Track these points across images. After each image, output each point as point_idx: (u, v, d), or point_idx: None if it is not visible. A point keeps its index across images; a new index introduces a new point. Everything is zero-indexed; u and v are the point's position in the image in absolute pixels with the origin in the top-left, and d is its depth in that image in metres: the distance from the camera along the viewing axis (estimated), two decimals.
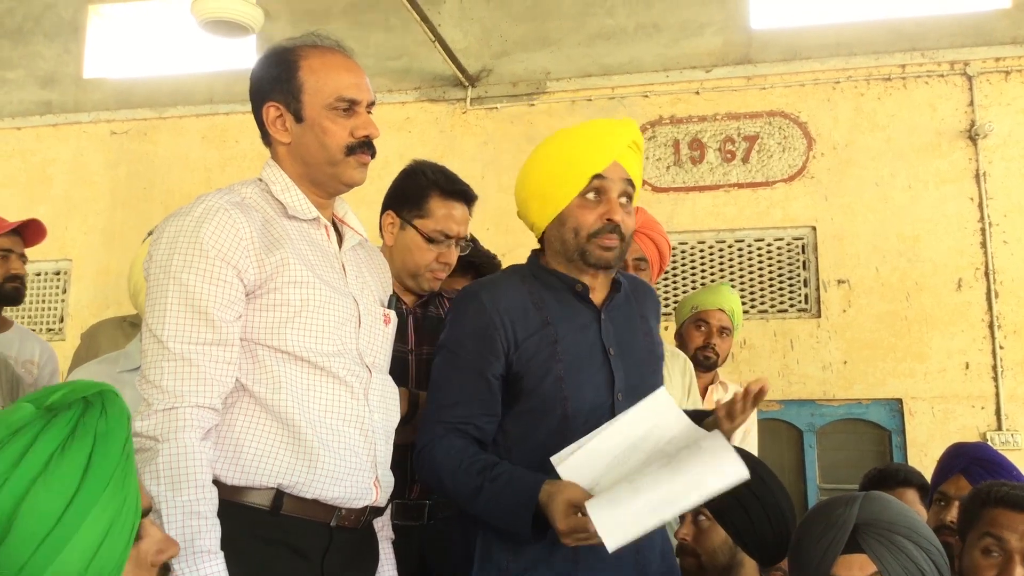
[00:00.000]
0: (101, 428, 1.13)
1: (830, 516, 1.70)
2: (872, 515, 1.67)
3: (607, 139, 1.89)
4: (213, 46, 5.97)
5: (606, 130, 1.93)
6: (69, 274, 6.09)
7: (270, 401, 1.61)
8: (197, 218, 1.61)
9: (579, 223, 1.87)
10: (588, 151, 1.88)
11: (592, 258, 1.87)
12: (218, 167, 5.99)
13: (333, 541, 1.65)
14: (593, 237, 1.86)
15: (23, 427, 1.09)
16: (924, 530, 1.69)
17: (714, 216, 5.32)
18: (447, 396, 1.85)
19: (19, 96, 6.41)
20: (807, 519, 1.77)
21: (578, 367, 1.85)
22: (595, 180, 1.86)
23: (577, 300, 1.91)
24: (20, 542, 1.04)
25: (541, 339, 1.84)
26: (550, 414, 1.82)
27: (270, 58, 1.77)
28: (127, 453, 1.15)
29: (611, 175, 1.87)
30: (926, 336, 4.96)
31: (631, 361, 1.92)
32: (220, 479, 1.57)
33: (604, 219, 1.86)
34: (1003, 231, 4.99)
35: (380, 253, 2.05)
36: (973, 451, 2.57)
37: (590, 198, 1.87)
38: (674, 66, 5.51)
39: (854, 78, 5.27)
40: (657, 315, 2.09)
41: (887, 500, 1.74)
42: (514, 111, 5.66)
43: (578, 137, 1.93)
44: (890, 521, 1.66)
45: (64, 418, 1.11)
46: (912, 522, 1.69)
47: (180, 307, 1.57)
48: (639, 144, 1.95)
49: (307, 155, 1.73)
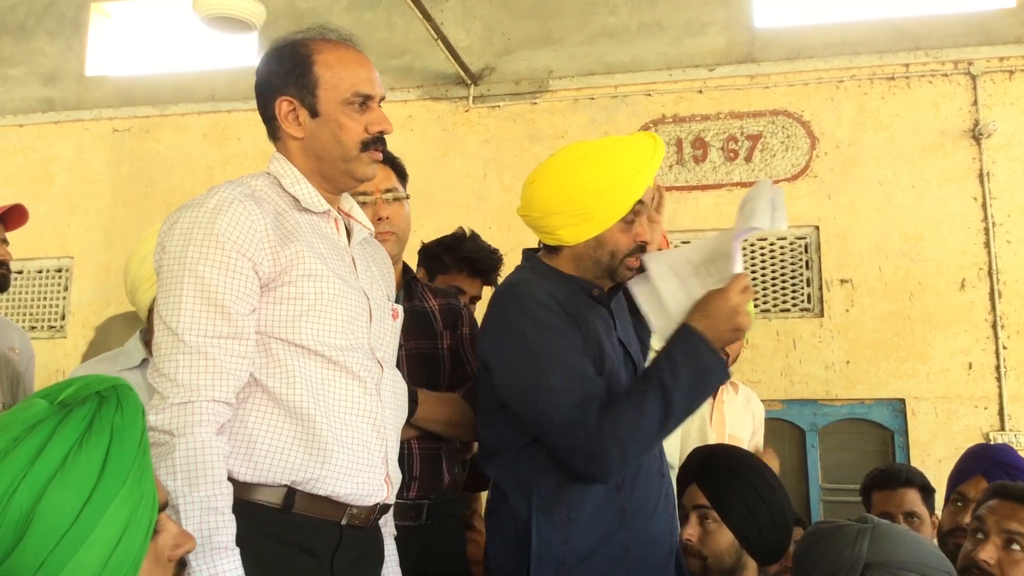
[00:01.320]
0: (118, 423, 1.12)
1: (838, 557, 1.64)
2: (883, 556, 1.63)
3: (649, 163, 1.92)
4: (215, 43, 5.97)
5: (648, 152, 1.93)
6: (71, 271, 6.09)
7: (284, 396, 1.59)
8: (212, 209, 1.58)
9: (617, 247, 1.91)
10: (635, 177, 1.90)
11: (620, 277, 1.95)
12: (220, 165, 5.98)
13: (343, 540, 1.64)
14: (626, 257, 1.92)
15: (38, 423, 1.08)
16: (934, 560, 1.66)
17: (717, 215, 5.31)
18: (573, 388, 1.77)
19: (21, 93, 6.41)
20: (809, 550, 1.72)
21: (614, 364, 1.89)
22: (637, 205, 1.90)
23: (594, 302, 1.95)
24: (39, 540, 1.03)
25: (588, 338, 1.85)
26: None
27: (281, 52, 1.74)
28: (143, 448, 1.14)
29: (647, 197, 1.93)
30: (929, 336, 4.94)
31: (632, 351, 2.01)
32: (233, 475, 1.55)
33: (637, 241, 1.92)
34: (1007, 231, 4.97)
35: (383, 247, 2.03)
36: (995, 454, 2.54)
37: (628, 220, 1.91)
38: (677, 65, 5.49)
39: (858, 77, 5.26)
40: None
41: (896, 535, 1.69)
42: (517, 109, 5.64)
43: (623, 161, 1.91)
44: (902, 561, 1.62)
45: (79, 414, 1.10)
46: (922, 556, 1.65)
47: (196, 299, 1.54)
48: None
49: (321, 150, 1.72)
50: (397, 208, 2.26)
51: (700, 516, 2.01)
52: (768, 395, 4.83)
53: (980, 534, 1.89)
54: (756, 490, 1.97)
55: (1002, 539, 1.85)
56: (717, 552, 1.98)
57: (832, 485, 4.95)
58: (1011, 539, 1.84)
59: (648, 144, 1.96)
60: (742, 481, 1.99)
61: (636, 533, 1.83)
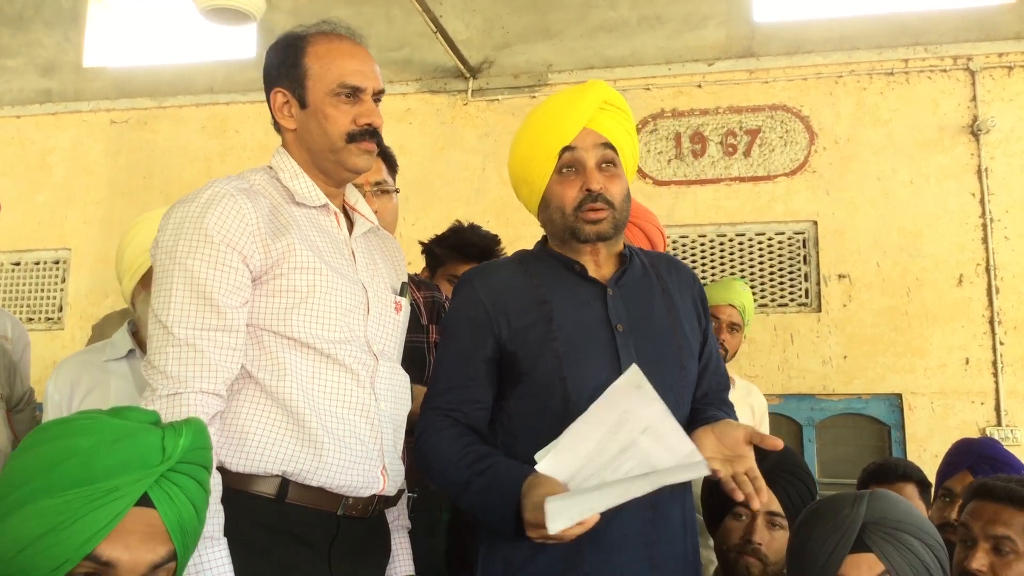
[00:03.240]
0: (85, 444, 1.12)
1: (836, 516, 1.67)
2: (880, 514, 1.66)
3: (570, 108, 1.81)
4: (214, 35, 5.95)
5: (568, 99, 1.83)
6: (68, 263, 6.08)
7: (274, 388, 1.60)
8: (203, 204, 1.60)
9: (561, 201, 1.81)
10: (553, 125, 1.81)
11: (582, 234, 1.81)
12: (218, 157, 5.97)
13: (340, 530, 1.64)
14: (578, 211, 1.80)
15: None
16: (929, 527, 1.69)
17: (715, 210, 5.31)
18: (439, 382, 1.84)
19: (19, 84, 6.39)
20: (809, 518, 1.74)
21: (577, 345, 1.77)
22: (565, 153, 1.80)
23: (579, 278, 1.85)
24: None
25: (537, 318, 1.78)
26: (551, 395, 1.76)
27: (279, 44, 1.77)
28: (113, 489, 1.10)
29: (582, 143, 1.80)
30: (926, 331, 4.95)
31: (647, 337, 1.81)
32: (225, 466, 1.57)
33: (584, 190, 1.79)
34: (1004, 227, 4.98)
35: (394, 240, 2.03)
36: (980, 448, 2.56)
37: (567, 173, 1.81)
38: (676, 59, 5.48)
39: (856, 72, 5.26)
40: (693, 292, 1.96)
41: (893, 498, 1.72)
42: (515, 103, 5.63)
43: (542, 113, 1.85)
44: (898, 519, 1.65)
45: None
46: (918, 520, 1.68)
47: (185, 293, 1.56)
48: (613, 102, 1.86)
49: (311, 142, 1.73)
50: (385, 201, 2.26)
51: (769, 514, 1.95)
52: (765, 389, 4.82)
53: (968, 541, 1.90)
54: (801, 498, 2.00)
55: (990, 544, 1.86)
56: (779, 556, 1.94)
57: (829, 480, 4.96)
58: (999, 543, 1.85)
59: (571, 91, 1.85)
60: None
61: (596, 566, 1.70)
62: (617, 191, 1.82)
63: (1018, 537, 1.83)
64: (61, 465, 1.08)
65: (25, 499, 1.07)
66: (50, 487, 1.07)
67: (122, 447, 1.12)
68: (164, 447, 1.15)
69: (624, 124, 1.87)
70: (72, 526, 1.07)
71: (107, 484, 1.09)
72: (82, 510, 1.07)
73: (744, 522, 1.98)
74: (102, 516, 1.09)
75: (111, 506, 1.10)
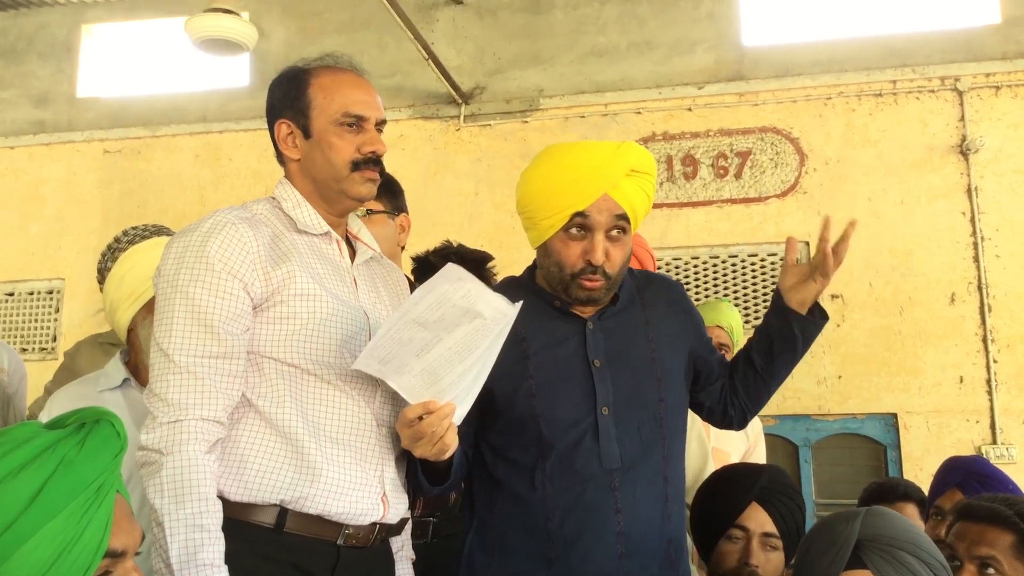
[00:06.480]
0: (71, 456, 1.10)
1: (832, 532, 1.68)
2: (875, 531, 1.66)
3: (595, 173, 1.77)
4: (207, 65, 5.98)
5: (596, 162, 1.78)
6: (62, 293, 6.07)
7: (274, 416, 1.61)
8: (204, 233, 1.61)
9: (561, 260, 1.79)
10: (573, 187, 1.76)
11: (574, 295, 1.81)
12: (211, 185, 5.98)
13: (340, 559, 1.63)
14: (575, 276, 1.79)
15: (24, 443, 1.09)
16: (927, 544, 1.69)
17: (707, 232, 5.33)
18: None
19: (12, 115, 6.41)
20: (809, 536, 1.76)
21: (552, 382, 1.79)
22: (577, 218, 1.77)
23: (559, 313, 1.85)
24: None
25: (513, 355, 1.76)
26: (526, 432, 1.78)
27: (283, 78, 1.79)
28: (100, 486, 1.11)
29: (596, 212, 1.76)
30: (920, 350, 4.96)
31: (624, 372, 1.82)
32: (224, 495, 1.56)
33: (585, 260, 1.77)
34: (995, 245, 5.00)
35: (398, 269, 2.04)
36: (969, 465, 2.56)
37: (574, 233, 1.78)
38: (666, 83, 5.53)
39: (845, 94, 5.30)
40: (679, 305, 1.97)
41: (890, 515, 1.73)
42: (507, 128, 5.67)
43: (566, 168, 1.79)
44: (893, 536, 1.65)
45: (39, 441, 1.10)
46: (915, 536, 1.68)
47: (186, 320, 1.57)
48: (642, 168, 1.81)
49: (315, 171, 1.74)
50: (376, 226, 2.26)
51: (763, 534, 1.98)
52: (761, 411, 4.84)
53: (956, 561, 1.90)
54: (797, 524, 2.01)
55: (975, 565, 1.86)
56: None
57: (826, 500, 4.95)
58: (984, 563, 1.85)
59: (601, 153, 1.80)
60: None
61: (567, 568, 1.75)
62: (619, 258, 1.81)
63: (1003, 557, 1.83)
64: (49, 485, 1.09)
65: (26, 532, 1.07)
66: (49, 509, 1.08)
67: (90, 446, 1.13)
68: (119, 432, 1.17)
69: (646, 188, 1.84)
70: (83, 535, 1.09)
71: (95, 484, 1.11)
72: (86, 517, 1.09)
73: (739, 544, 1.98)
74: (102, 515, 1.11)
75: (104, 502, 1.12)
